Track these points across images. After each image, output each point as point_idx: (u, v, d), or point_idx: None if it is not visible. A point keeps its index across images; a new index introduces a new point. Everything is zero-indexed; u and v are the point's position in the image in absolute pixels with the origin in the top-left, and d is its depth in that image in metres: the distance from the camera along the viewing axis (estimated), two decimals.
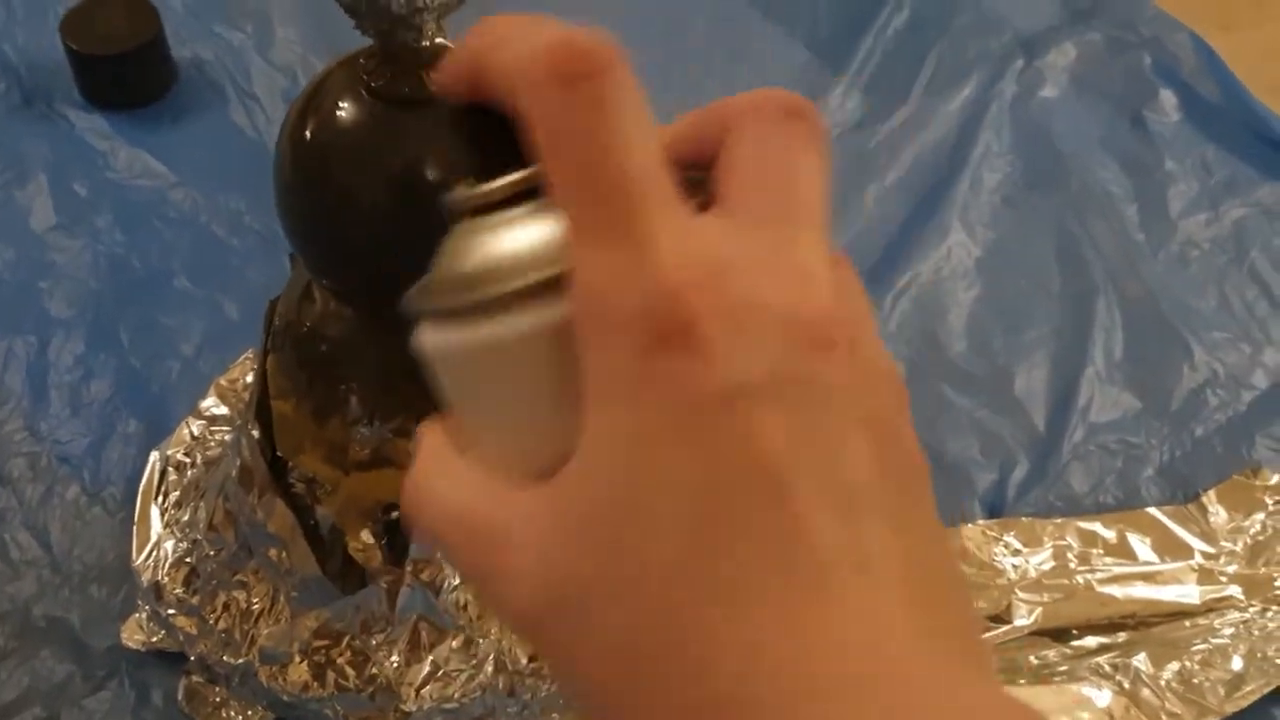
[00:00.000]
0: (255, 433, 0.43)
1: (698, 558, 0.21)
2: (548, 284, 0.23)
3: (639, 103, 0.23)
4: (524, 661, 0.46)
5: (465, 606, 0.45)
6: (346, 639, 0.45)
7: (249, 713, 0.49)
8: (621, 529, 0.22)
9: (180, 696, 0.49)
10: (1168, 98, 0.77)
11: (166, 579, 0.48)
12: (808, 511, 0.21)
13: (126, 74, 0.67)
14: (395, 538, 0.43)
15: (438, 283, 0.25)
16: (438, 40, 0.35)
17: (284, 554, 0.44)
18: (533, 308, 0.23)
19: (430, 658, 0.45)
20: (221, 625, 0.46)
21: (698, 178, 0.25)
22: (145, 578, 0.49)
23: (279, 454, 0.43)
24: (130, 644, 0.51)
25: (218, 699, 0.49)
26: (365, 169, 0.36)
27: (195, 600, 0.47)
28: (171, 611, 0.48)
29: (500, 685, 0.46)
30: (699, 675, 0.21)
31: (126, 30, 0.67)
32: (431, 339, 0.25)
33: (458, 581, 0.45)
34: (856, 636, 0.21)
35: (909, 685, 0.21)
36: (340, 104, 0.36)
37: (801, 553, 0.21)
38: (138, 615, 0.51)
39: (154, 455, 0.54)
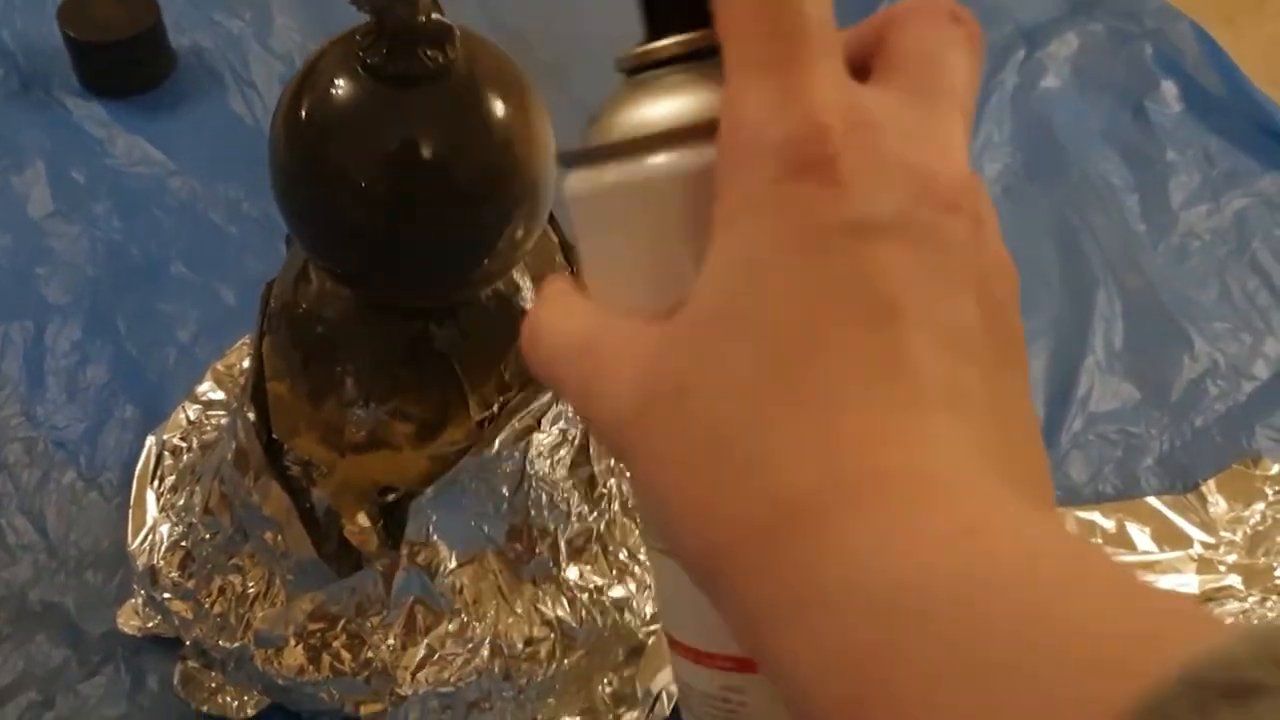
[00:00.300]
0: (251, 415, 0.43)
1: (793, 363, 0.22)
2: (696, 130, 0.24)
3: None
4: (520, 646, 0.46)
5: (461, 590, 0.45)
6: (342, 622, 0.45)
7: (245, 698, 0.49)
8: (723, 331, 0.23)
9: (176, 681, 0.49)
10: (1169, 89, 0.77)
11: (162, 563, 0.48)
12: (911, 340, 0.22)
13: (125, 62, 0.67)
14: (392, 520, 0.43)
15: (593, 129, 0.26)
16: (434, 16, 0.35)
17: (279, 537, 0.44)
18: (677, 150, 0.24)
19: (426, 641, 0.45)
20: (217, 609, 0.46)
21: None
22: (141, 562, 0.49)
23: (274, 436, 0.43)
24: (126, 629, 0.51)
25: (213, 684, 0.49)
26: (361, 148, 0.36)
27: (191, 584, 0.47)
28: (167, 596, 0.48)
29: (496, 669, 0.46)
30: (774, 477, 0.22)
31: (125, 18, 0.66)
32: (579, 181, 0.25)
33: (454, 565, 0.44)
34: (933, 463, 0.22)
35: (976, 509, 0.21)
36: (335, 82, 0.36)
37: (897, 377, 0.22)
38: (133, 600, 0.50)
39: (150, 440, 0.54)
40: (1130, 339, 0.65)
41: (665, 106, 0.24)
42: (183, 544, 0.48)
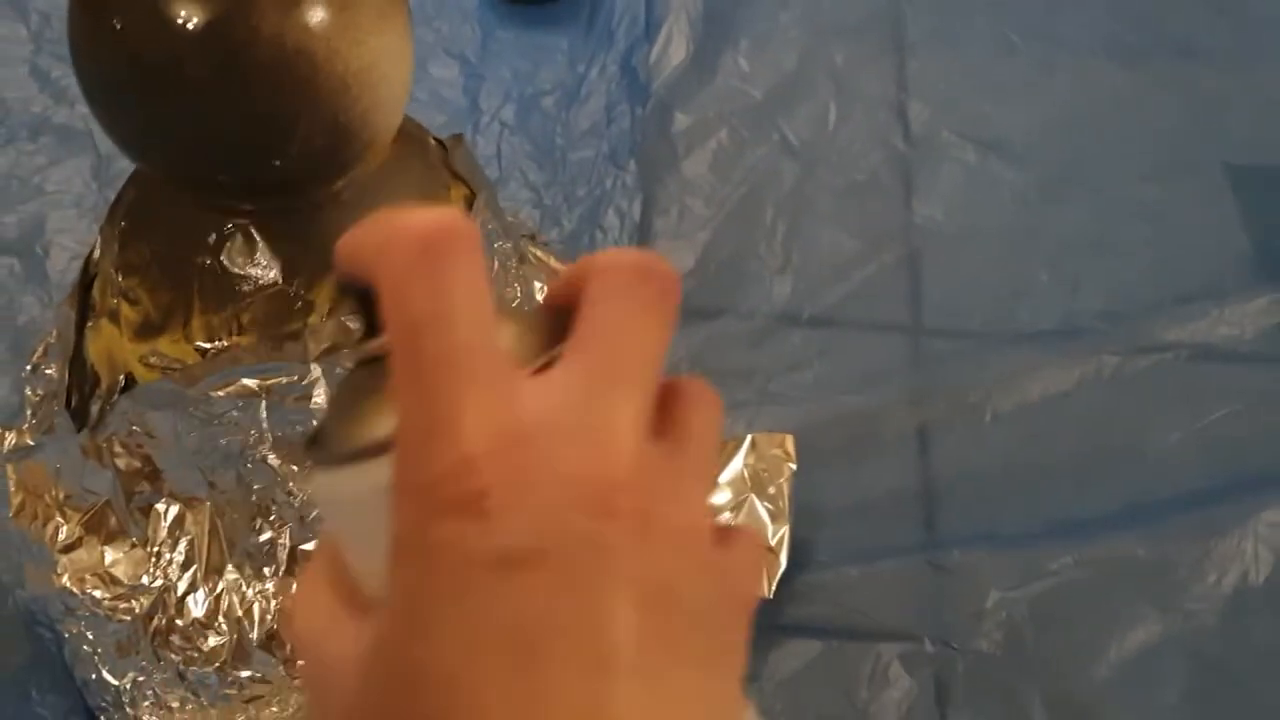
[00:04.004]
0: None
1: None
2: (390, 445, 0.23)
3: (474, 276, 0.23)
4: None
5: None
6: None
7: None
8: (400, 685, 0.23)
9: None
10: None
11: None
12: (552, 675, 0.22)
13: None
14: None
15: (321, 432, 0.26)
16: None
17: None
18: (378, 463, 0.24)
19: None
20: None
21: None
22: None
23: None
24: None
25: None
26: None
27: None
28: None
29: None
30: None
31: None
32: (315, 480, 0.26)
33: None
34: None
35: None
36: None
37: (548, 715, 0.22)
38: None
39: None
40: None
41: (378, 410, 0.24)
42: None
